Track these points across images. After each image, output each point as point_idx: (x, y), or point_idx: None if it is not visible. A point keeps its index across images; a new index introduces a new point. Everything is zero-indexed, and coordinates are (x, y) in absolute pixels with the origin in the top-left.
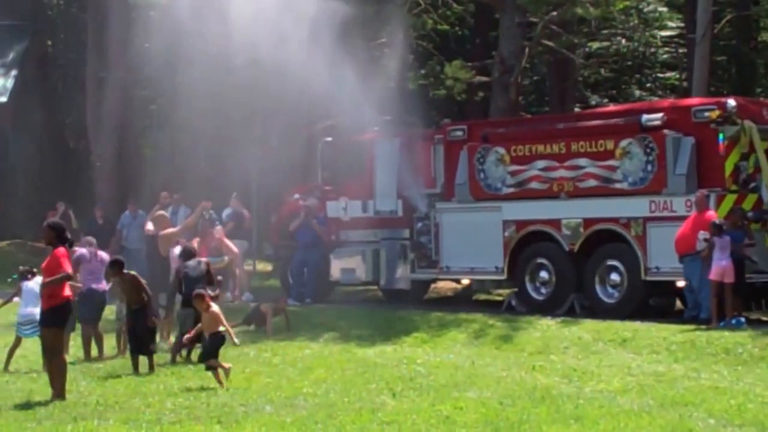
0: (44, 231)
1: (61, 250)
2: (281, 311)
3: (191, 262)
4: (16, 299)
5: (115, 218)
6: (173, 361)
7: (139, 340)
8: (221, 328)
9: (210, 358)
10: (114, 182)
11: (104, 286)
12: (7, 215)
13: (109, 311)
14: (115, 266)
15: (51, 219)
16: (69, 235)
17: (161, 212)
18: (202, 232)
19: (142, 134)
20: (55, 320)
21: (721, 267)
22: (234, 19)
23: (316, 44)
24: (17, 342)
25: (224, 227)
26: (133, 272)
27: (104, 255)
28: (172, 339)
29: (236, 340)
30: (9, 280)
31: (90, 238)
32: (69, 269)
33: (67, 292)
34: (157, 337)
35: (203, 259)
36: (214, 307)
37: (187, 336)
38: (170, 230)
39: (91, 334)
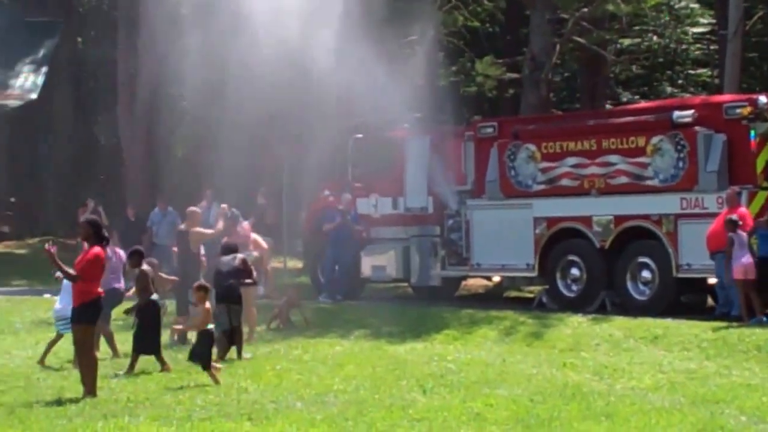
0: (82, 227)
1: (97, 249)
2: (294, 305)
3: (226, 258)
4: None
5: (146, 215)
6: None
7: (142, 338)
8: (210, 326)
9: (202, 356)
10: (145, 179)
11: (123, 284)
12: (39, 212)
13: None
14: (134, 256)
15: (88, 215)
16: (106, 233)
17: (193, 208)
18: (227, 230)
19: (172, 131)
20: (86, 316)
21: (742, 264)
22: (265, 16)
23: (347, 41)
24: (57, 337)
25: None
26: (145, 268)
27: (123, 254)
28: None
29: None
30: (52, 275)
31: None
32: (93, 271)
33: (99, 288)
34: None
35: (239, 255)
36: (207, 305)
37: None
38: (203, 231)
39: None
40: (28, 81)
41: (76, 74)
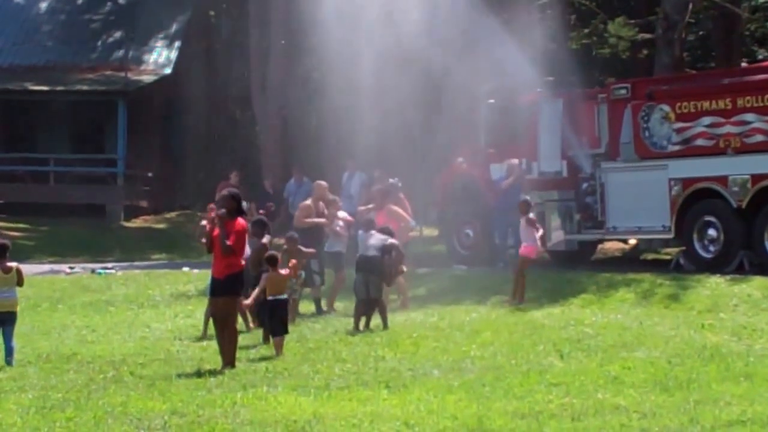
0: (224, 200)
1: (242, 221)
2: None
3: (379, 236)
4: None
5: (284, 187)
6: (356, 329)
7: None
8: (282, 296)
9: (264, 325)
10: (280, 151)
11: None
12: (176, 186)
13: None
14: (256, 226)
15: (230, 189)
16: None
17: (320, 182)
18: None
19: (305, 102)
20: (233, 288)
21: None
22: None
23: (478, 6)
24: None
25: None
26: (264, 241)
27: None
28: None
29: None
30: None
31: None
32: (241, 244)
33: (242, 261)
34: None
35: (392, 240)
36: (284, 270)
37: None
38: (308, 220)
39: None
40: (161, 56)
41: (208, 48)
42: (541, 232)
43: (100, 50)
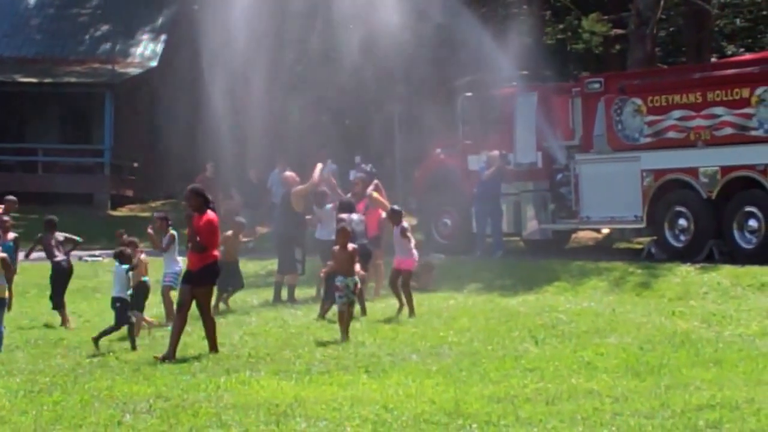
0: (190, 197)
1: (210, 215)
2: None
3: (354, 217)
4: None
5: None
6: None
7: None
8: (144, 278)
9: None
10: (264, 142)
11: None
12: (161, 176)
13: None
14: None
15: (194, 185)
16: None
17: (288, 173)
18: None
19: (288, 94)
20: (207, 279)
21: None
22: None
23: (456, 3)
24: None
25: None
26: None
27: None
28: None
29: None
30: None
31: None
32: (213, 238)
33: (216, 252)
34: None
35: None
36: (143, 256)
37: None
38: (300, 187)
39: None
40: (147, 49)
41: (194, 41)
42: (413, 242)
43: (87, 43)
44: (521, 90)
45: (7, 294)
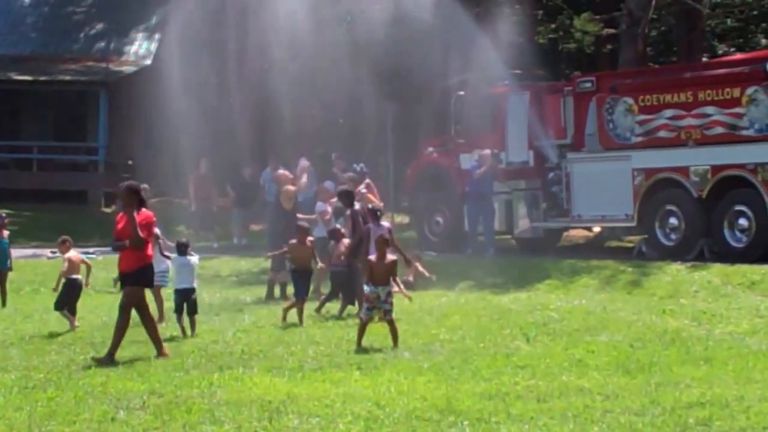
0: (125, 194)
1: (148, 213)
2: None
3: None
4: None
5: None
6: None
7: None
8: (74, 276)
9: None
10: (256, 140)
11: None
12: (155, 173)
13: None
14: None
15: (129, 182)
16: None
17: (280, 171)
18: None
19: (281, 93)
20: (142, 279)
21: None
22: None
23: (448, 2)
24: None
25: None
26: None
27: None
28: (323, 291)
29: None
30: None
31: None
32: (151, 235)
33: (150, 252)
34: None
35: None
36: (70, 254)
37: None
38: (289, 187)
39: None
40: (141, 47)
41: (188, 39)
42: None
43: (82, 42)
44: (513, 89)
45: None
